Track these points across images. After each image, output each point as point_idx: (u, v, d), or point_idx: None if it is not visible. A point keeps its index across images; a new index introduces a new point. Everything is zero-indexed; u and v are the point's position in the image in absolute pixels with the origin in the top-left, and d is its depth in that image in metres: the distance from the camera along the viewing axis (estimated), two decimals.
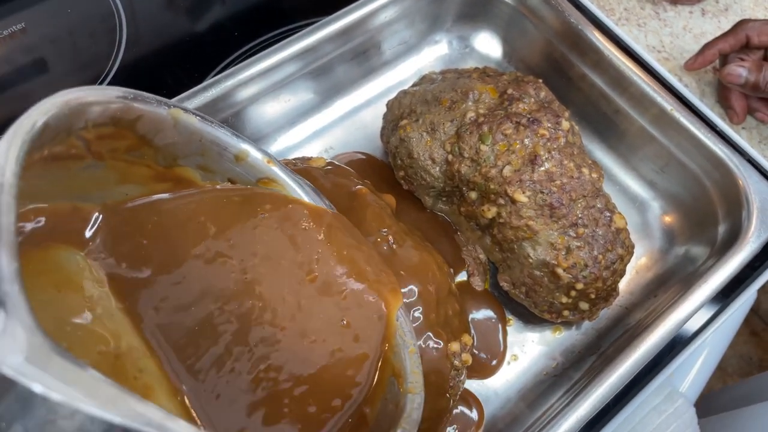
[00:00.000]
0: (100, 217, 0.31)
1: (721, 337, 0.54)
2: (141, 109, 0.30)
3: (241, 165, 0.35)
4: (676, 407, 0.49)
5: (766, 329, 1.21)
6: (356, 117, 0.57)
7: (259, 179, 0.36)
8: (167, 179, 0.34)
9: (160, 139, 0.32)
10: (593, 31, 0.54)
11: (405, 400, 0.31)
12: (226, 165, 0.35)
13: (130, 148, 0.32)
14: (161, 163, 0.34)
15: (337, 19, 0.52)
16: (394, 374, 0.33)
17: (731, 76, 0.54)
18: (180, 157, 0.34)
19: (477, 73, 0.51)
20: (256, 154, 0.35)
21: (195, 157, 0.34)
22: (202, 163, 0.35)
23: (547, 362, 0.49)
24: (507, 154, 0.45)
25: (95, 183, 0.31)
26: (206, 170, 0.35)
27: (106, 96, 0.29)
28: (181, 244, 0.32)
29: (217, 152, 0.34)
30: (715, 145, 0.50)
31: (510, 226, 0.45)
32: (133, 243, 0.32)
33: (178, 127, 0.32)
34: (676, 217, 0.54)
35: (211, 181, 0.35)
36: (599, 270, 0.45)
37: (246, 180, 0.36)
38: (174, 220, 0.33)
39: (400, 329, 0.34)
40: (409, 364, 0.33)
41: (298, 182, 0.37)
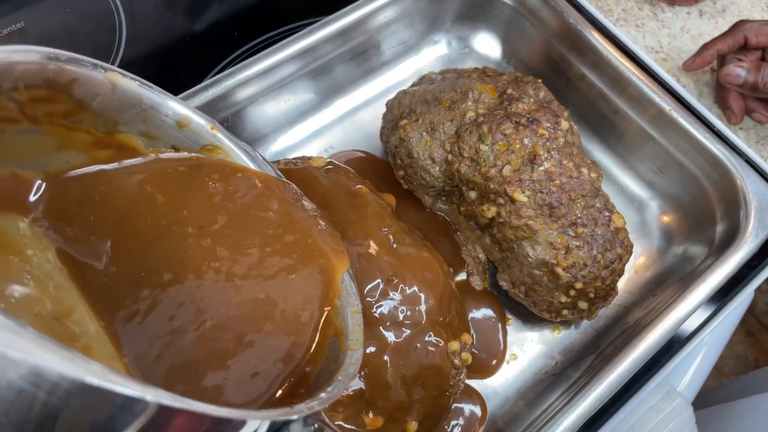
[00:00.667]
0: (43, 186, 0.31)
1: (718, 337, 0.55)
2: (75, 72, 0.30)
3: (183, 131, 0.35)
4: (674, 406, 0.50)
5: (761, 329, 1.21)
6: (355, 117, 0.58)
7: (203, 146, 0.35)
8: (109, 146, 0.33)
9: (99, 103, 0.32)
10: (592, 31, 0.54)
11: (344, 356, 0.31)
12: (169, 131, 0.34)
13: (67, 113, 0.31)
14: (101, 130, 0.33)
15: (337, 20, 0.53)
16: (336, 334, 0.33)
17: (730, 77, 0.54)
18: (121, 123, 0.33)
19: (476, 73, 0.51)
20: (199, 120, 0.35)
21: (136, 123, 0.34)
22: (144, 130, 0.34)
23: (546, 361, 0.49)
24: (506, 153, 0.46)
25: (34, 148, 0.31)
26: (149, 137, 0.34)
27: (30, 57, 0.28)
28: (130, 214, 0.32)
29: (159, 118, 0.34)
30: (713, 145, 0.50)
31: (509, 226, 0.45)
32: (80, 212, 0.32)
33: (117, 91, 0.32)
34: (675, 217, 0.54)
35: (155, 148, 0.35)
36: (598, 269, 0.45)
37: (190, 147, 0.35)
38: (121, 191, 0.33)
39: (344, 291, 0.35)
40: (351, 323, 0.33)
41: (243, 149, 0.36)
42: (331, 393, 0.28)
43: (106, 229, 0.32)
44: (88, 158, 0.33)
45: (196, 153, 0.35)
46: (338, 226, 0.44)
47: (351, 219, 0.44)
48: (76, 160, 0.33)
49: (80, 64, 0.30)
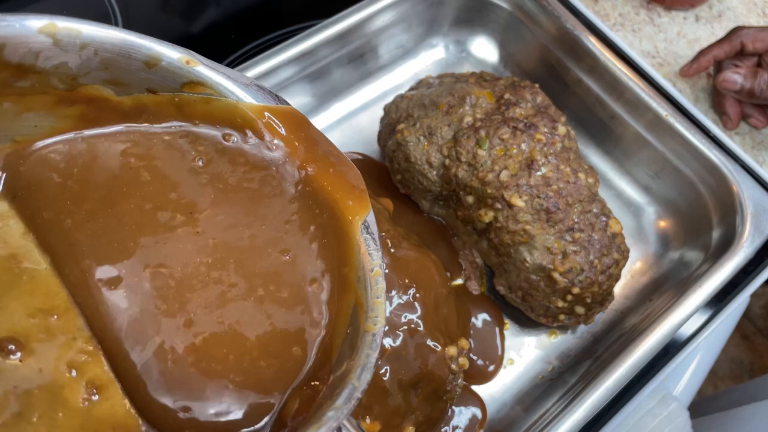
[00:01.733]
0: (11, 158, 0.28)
1: (714, 342, 0.55)
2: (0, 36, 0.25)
3: (155, 71, 0.29)
4: (669, 411, 0.50)
5: (756, 333, 1.22)
6: (353, 120, 0.58)
7: (183, 84, 0.30)
8: (75, 101, 0.29)
9: (44, 60, 0.27)
10: (589, 36, 0.54)
11: (362, 342, 0.27)
12: (138, 74, 0.29)
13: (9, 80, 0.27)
14: (61, 87, 0.28)
15: (335, 23, 0.52)
16: (356, 302, 0.28)
17: (727, 83, 0.54)
18: (79, 75, 0.28)
19: (474, 78, 0.51)
20: (171, 56, 0.29)
21: (97, 72, 0.29)
22: (108, 78, 0.29)
23: (543, 366, 0.49)
24: (504, 158, 0.46)
25: None
26: (117, 84, 0.30)
27: None
28: (113, 194, 0.29)
29: (121, 61, 0.28)
30: (709, 150, 0.50)
31: (507, 231, 0.45)
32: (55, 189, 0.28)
33: (61, 44, 0.27)
34: (671, 222, 0.54)
35: (128, 95, 0.30)
36: (595, 274, 0.45)
37: (168, 87, 0.30)
38: (101, 165, 0.29)
39: (363, 245, 0.29)
40: (370, 292, 0.28)
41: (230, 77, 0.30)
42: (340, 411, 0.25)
43: (84, 210, 0.28)
44: (58, 118, 0.29)
45: (178, 93, 0.30)
46: None
47: None
48: (45, 122, 0.29)
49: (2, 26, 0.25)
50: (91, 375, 0.26)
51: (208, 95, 0.30)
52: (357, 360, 0.26)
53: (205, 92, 0.30)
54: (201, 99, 0.30)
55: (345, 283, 0.29)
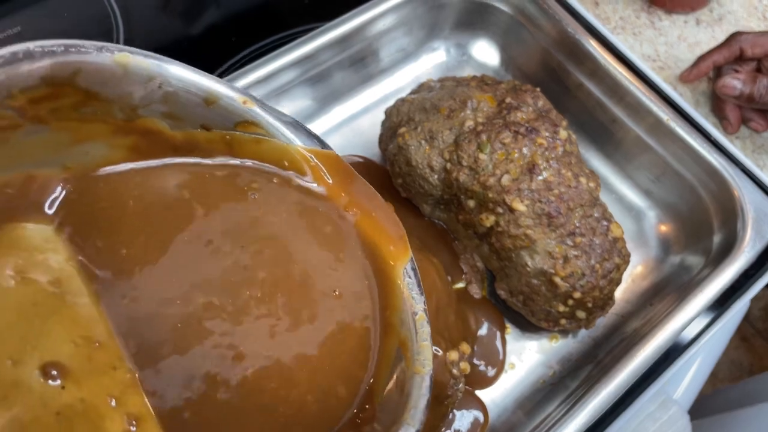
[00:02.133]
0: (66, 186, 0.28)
1: (714, 345, 0.55)
2: (76, 61, 0.26)
3: (212, 108, 0.30)
4: (670, 415, 0.50)
5: (756, 335, 1.22)
6: (354, 124, 0.57)
7: (237, 123, 0.31)
8: (131, 132, 0.30)
9: (112, 89, 0.28)
10: (590, 39, 0.54)
11: (412, 384, 0.27)
12: (196, 110, 0.30)
13: (76, 106, 0.28)
14: (119, 117, 0.29)
15: (336, 27, 0.52)
16: (400, 345, 0.29)
17: (726, 88, 0.55)
18: (140, 107, 0.29)
19: (475, 82, 0.51)
20: (230, 94, 0.30)
21: (157, 105, 0.29)
22: (167, 111, 0.30)
23: (544, 371, 0.49)
24: (505, 162, 0.46)
25: (45, 147, 0.28)
26: (174, 118, 0.30)
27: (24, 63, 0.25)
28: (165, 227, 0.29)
29: (182, 96, 0.29)
30: (710, 155, 0.50)
31: (508, 235, 0.45)
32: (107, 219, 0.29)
33: (130, 74, 0.28)
34: (672, 227, 0.54)
35: (182, 130, 0.31)
36: (596, 279, 0.45)
37: (222, 125, 0.31)
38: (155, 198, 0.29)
39: (406, 290, 0.30)
40: (415, 335, 0.28)
41: (282, 120, 0.32)
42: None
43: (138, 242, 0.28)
44: (110, 147, 0.30)
45: (231, 131, 0.31)
46: None
47: None
48: (97, 150, 0.29)
49: (81, 51, 0.26)
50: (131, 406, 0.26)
51: (260, 135, 0.31)
52: (409, 402, 0.27)
53: (258, 132, 0.31)
54: (252, 139, 0.31)
55: (387, 326, 0.29)
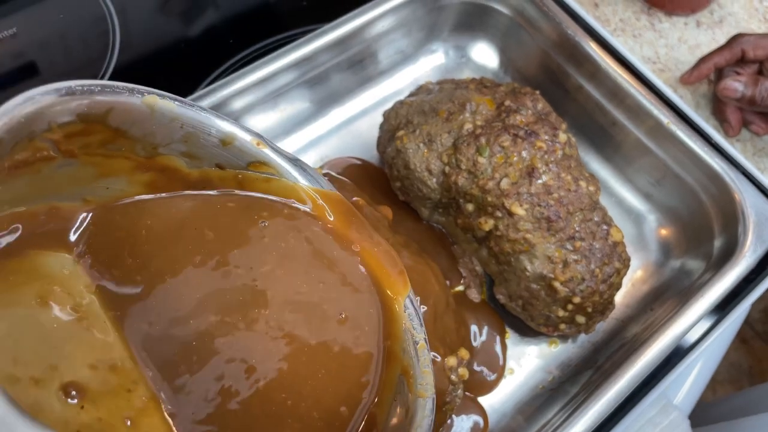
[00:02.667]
0: (86, 217, 0.30)
1: (715, 350, 0.54)
2: (110, 101, 0.29)
3: (228, 149, 0.33)
4: (670, 420, 0.49)
5: (755, 337, 1.21)
6: (352, 126, 0.57)
7: (249, 163, 0.34)
8: (150, 169, 0.32)
9: (138, 129, 0.30)
10: (589, 41, 0.54)
11: (415, 406, 0.29)
12: (212, 150, 0.33)
13: (104, 142, 0.30)
14: (141, 154, 0.32)
15: (334, 29, 0.52)
16: (403, 372, 0.30)
17: (728, 91, 0.54)
18: (161, 145, 0.32)
19: (474, 84, 0.51)
20: (244, 137, 0.33)
21: (177, 144, 0.32)
22: (185, 150, 0.33)
23: (544, 376, 0.48)
24: (504, 166, 0.45)
25: (71, 180, 0.30)
26: (191, 157, 0.33)
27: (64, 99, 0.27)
28: (177, 252, 0.31)
29: (201, 137, 0.32)
30: (711, 158, 0.50)
31: (507, 239, 0.45)
32: (125, 248, 0.30)
33: (155, 115, 0.30)
34: (672, 231, 0.54)
35: (198, 168, 0.33)
36: (596, 283, 0.45)
37: (235, 164, 0.34)
38: (168, 225, 0.31)
39: (407, 320, 0.32)
40: (418, 362, 0.30)
41: (293, 163, 0.34)
42: None
43: (152, 267, 0.30)
44: (129, 183, 0.32)
45: (243, 170, 0.34)
46: None
47: None
48: (116, 185, 0.32)
49: (115, 92, 0.29)
50: (146, 427, 0.27)
51: (270, 175, 0.34)
52: (414, 422, 0.28)
53: (268, 172, 0.34)
54: (263, 178, 0.34)
55: (389, 354, 0.31)
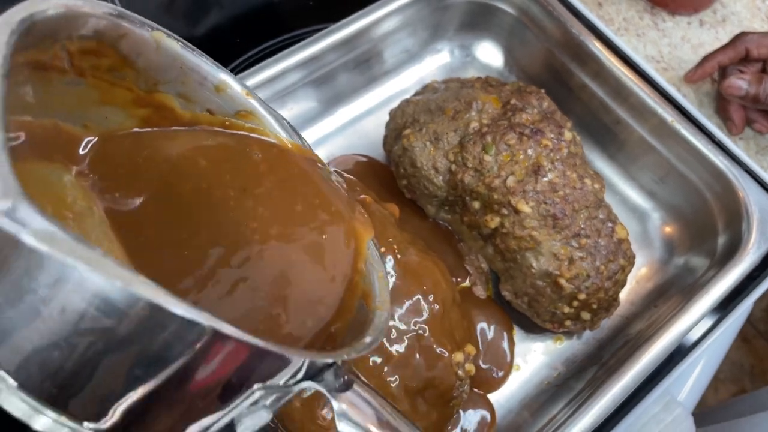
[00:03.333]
0: (88, 143, 0.32)
1: (718, 346, 0.55)
2: (126, 27, 0.31)
3: (220, 96, 0.36)
4: (674, 416, 0.50)
5: (757, 336, 1.22)
6: (358, 125, 0.58)
7: (237, 111, 0.36)
8: (147, 104, 0.34)
9: (142, 61, 0.33)
10: (593, 40, 0.54)
11: (374, 315, 0.32)
12: (206, 95, 0.35)
13: (112, 68, 0.32)
14: (142, 87, 0.34)
15: (340, 28, 0.52)
16: (363, 296, 0.34)
17: (732, 89, 0.55)
18: (161, 82, 0.34)
19: (480, 83, 0.51)
20: (236, 86, 0.36)
21: (175, 84, 0.35)
22: (182, 91, 0.35)
23: (549, 372, 0.49)
24: (510, 164, 0.46)
25: (76, 101, 0.32)
26: (186, 99, 0.35)
27: (96, 9, 0.29)
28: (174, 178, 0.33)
29: (197, 81, 0.35)
30: (715, 156, 0.50)
31: (513, 236, 0.45)
32: (124, 174, 0.33)
33: (160, 50, 0.33)
34: (676, 228, 0.54)
35: (191, 111, 0.36)
36: (601, 280, 0.45)
37: (225, 112, 0.36)
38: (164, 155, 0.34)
39: (369, 257, 0.36)
40: (378, 286, 0.35)
41: (276, 117, 0.37)
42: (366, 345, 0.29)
43: (150, 192, 0.33)
44: (127, 116, 0.34)
45: (231, 118, 0.36)
46: None
47: None
48: (115, 116, 0.34)
49: (131, 20, 0.31)
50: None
51: (255, 125, 0.37)
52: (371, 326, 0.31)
53: (253, 122, 0.37)
54: (248, 127, 0.37)
55: (353, 285, 0.34)
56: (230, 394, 0.23)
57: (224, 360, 0.22)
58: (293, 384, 0.26)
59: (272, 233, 0.33)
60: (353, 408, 0.27)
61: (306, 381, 0.26)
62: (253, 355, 0.22)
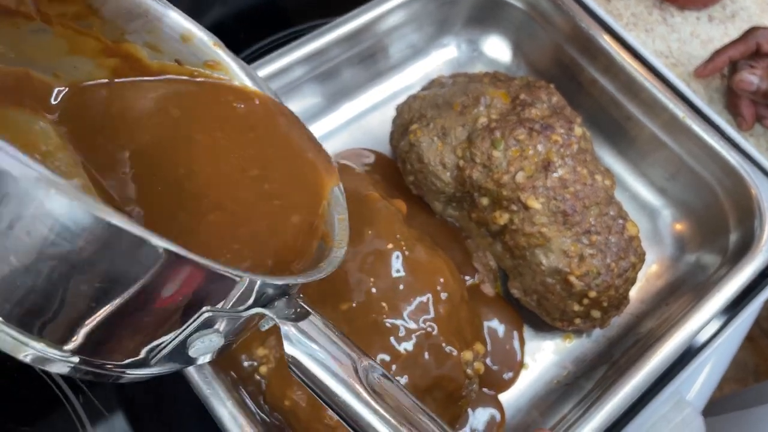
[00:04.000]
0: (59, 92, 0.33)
1: (728, 345, 0.54)
2: None
3: (187, 45, 0.36)
4: (683, 416, 0.49)
5: (762, 335, 1.21)
6: (363, 121, 0.57)
7: (205, 61, 0.37)
8: (115, 54, 0.35)
9: (108, 10, 0.33)
10: (603, 35, 0.53)
11: (329, 251, 0.34)
12: (173, 45, 0.36)
13: (77, 16, 0.33)
14: (109, 37, 0.34)
15: (345, 23, 0.52)
16: (323, 237, 0.35)
17: (743, 83, 0.54)
18: (127, 32, 0.34)
19: (488, 78, 0.51)
20: (202, 36, 0.36)
21: (142, 33, 0.35)
22: (149, 41, 0.35)
23: (559, 371, 0.48)
24: (520, 160, 0.45)
25: (44, 50, 0.32)
26: (154, 49, 0.36)
27: None
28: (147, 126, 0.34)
29: (164, 30, 0.35)
30: (726, 152, 0.49)
31: (522, 233, 0.45)
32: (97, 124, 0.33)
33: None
34: (687, 225, 0.54)
35: (159, 61, 0.36)
36: (612, 278, 0.44)
37: (193, 61, 0.37)
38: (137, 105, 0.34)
39: (332, 201, 0.37)
40: (337, 228, 0.35)
41: (242, 67, 0.38)
42: (316, 273, 0.30)
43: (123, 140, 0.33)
44: (95, 65, 0.34)
45: (199, 68, 0.37)
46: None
47: (361, 226, 0.43)
48: (84, 66, 0.34)
49: None
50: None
51: (223, 75, 0.37)
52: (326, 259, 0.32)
53: (220, 72, 0.37)
54: (215, 77, 0.37)
55: (315, 228, 0.35)
56: (180, 314, 0.24)
57: (175, 280, 0.23)
58: (243, 309, 0.26)
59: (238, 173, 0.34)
60: (302, 333, 0.27)
61: (255, 307, 0.27)
62: (201, 275, 0.23)
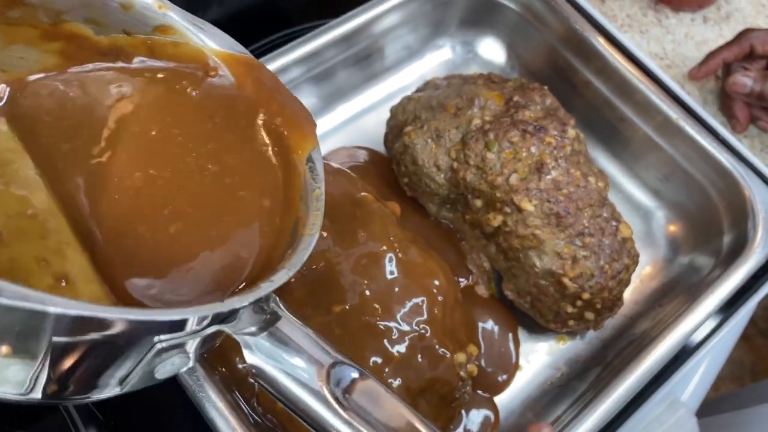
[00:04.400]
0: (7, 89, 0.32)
1: (722, 346, 0.54)
2: None
3: (130, 13, 0.33)
4: (677, 417, 0.49)
5: (757, 334, 1.21)
6: (359, 122, 0.57)
7: (155, 27, 0.34)
8: (58, 37, 0.33)
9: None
10: (597, 37, 0.53)
11: (299, 242, 0.31)
12: (116, 15, 0.33)
13: (2, 8, 0.31)
14: (45, 21, 0.32)
15: (341, 24, 0.52)
16: (297, 218, 0.33)
17: (737, 86, 0.54)
18: (63, 11, 0.32)
19: (482, 80, 0.51)
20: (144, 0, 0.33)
21: (79, 10, 0.32)
22: (89, 17, 0.33)
23: (552, 372, 0.48)
24: (513, 162, 0.45)
25: None
26: (96, 23, 0.33)
27: None
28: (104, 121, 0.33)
29: (101, 2, 0.32)
30: (720, 154, 0.49)
31: (516, 235, 0.45)
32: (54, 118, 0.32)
33: None
34: (681, 226, 0.54)
35: (106, 35, 0.34)
36: (605, 280, 0.44)
37: (142, 29, 0.34)
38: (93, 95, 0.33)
39: (307, 173, 0.34)
40: (311, 207, 0.33)
41: (199, 26, 0.35)
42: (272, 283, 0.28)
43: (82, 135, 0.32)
44: (41, 52, 0.33)
45: (151, 35, 0.34)
46: (342, 234, 0.43)
47: (355, 228, 0.43)
48: (30, 55, 0.32)
49: None
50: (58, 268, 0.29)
51: (177, 39, 0.34)
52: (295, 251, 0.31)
53: (174, 36, 0.34)
54: (170, 42, 0.35)
55: (290, 204, 0.33)
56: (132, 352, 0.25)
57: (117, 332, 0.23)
58: (200, 330, 0.26)
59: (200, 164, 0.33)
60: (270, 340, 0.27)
61: (212, 326, 0.26)
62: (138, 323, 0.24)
